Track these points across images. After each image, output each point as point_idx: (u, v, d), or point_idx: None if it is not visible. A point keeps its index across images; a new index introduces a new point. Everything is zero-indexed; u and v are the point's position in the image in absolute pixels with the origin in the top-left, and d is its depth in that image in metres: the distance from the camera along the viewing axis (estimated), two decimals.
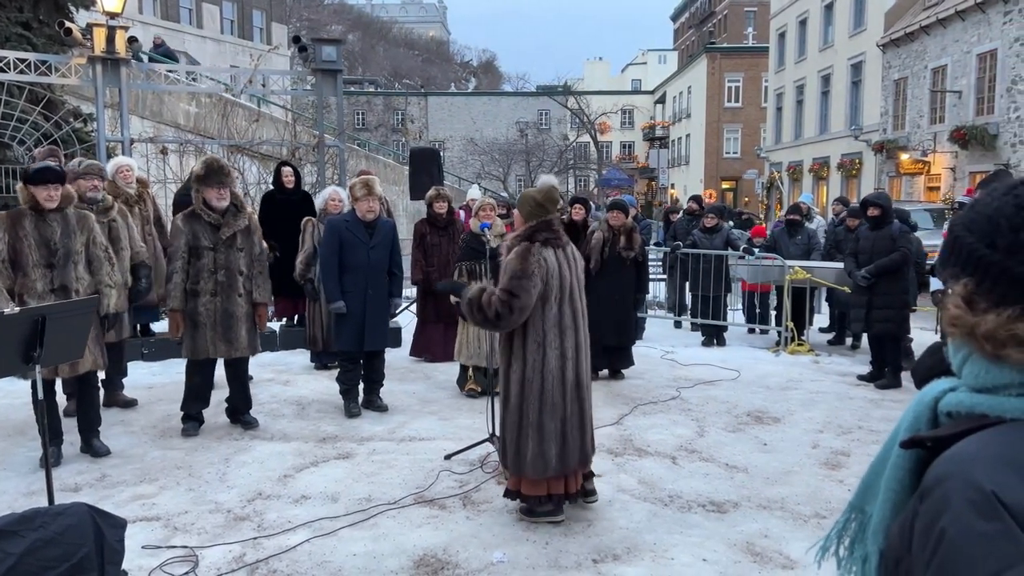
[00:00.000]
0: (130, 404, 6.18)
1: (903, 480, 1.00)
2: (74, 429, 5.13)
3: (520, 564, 3.60)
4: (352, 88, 51.99)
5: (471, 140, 50.31)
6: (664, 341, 9.27)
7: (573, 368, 3.97)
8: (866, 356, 7.86)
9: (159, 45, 19.92)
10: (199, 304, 5.40)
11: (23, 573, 2.62)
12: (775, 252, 9.07)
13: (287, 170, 8.24)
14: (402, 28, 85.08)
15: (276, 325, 8.75)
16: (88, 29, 8.67)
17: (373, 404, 6.17)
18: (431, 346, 7.86)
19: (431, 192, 7.90)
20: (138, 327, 7.67)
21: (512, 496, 4.11)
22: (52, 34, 9.73)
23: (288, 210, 7.71)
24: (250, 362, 5.86)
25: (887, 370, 7.21)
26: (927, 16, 23.07)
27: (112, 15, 8.62)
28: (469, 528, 3.98)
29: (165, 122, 15.09)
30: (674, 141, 53.45)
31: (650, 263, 8.71)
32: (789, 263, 8.71)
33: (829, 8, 30.10)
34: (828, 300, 9.98)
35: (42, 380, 4.75)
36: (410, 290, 9.90)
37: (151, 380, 7.03)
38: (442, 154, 14.26)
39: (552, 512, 4.02)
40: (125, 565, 3.14)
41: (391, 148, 44.19)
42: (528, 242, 3.93)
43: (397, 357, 7.83)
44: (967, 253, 0.95)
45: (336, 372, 6.34)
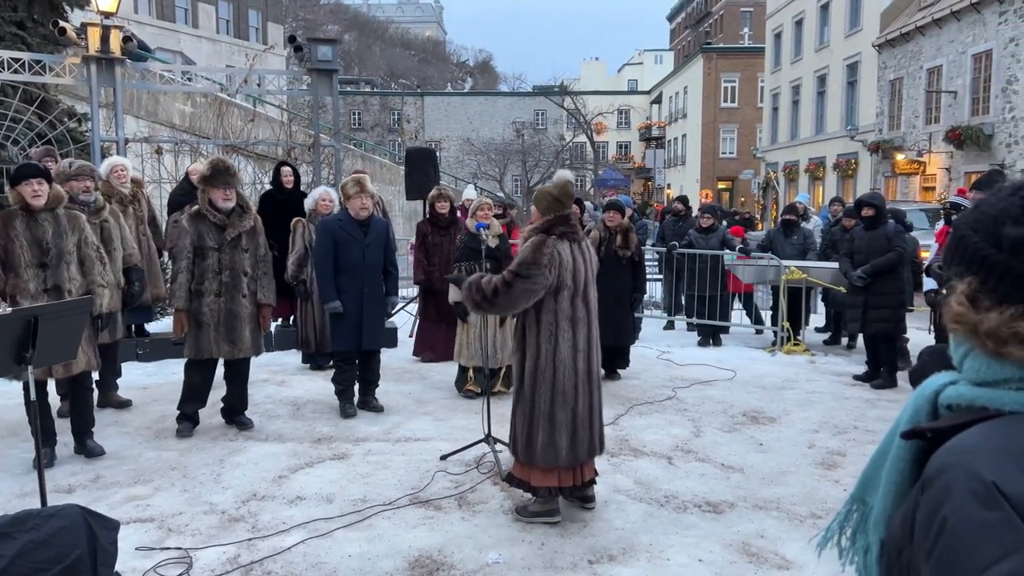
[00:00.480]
0: (124, 405, 6.16)
1: (903, 471, 1.02)
2: (68, 430, 5.11)
3: (516, 565, 3.60)
4: (348, 88, 52.07)
5: (467, 140, 50.29)
6: (660, 341, 9.27)
7: (585, 360, 4.00)
8: (862, 356, 7.87)
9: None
10: (203, 304, 5.39)
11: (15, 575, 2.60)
12: (771, 252, 9.08)
13: (286, 170, 8.23)
14: (398, 28, 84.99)
15: (272, 325, 8.73)
16: (83, 29, 8.64)
17: (369, 405, 6.16)
18: (433, 346, 7.85)
19: (433, 192, 7.89)
20: (133, 328, 7.66)
21: (517, 483, 4.12)
22: (46, 34, 9.69)
23: (287, 210, 7.69)
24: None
25: (883, 370, 7.22)
26: (922, 16, 23.12)
27: (107, 14, 8.60)
28: (465, 529, 3.98)
29: (160, 122, 15.05)
30: (670, 141, 53.52)
31: (646, 263, 8.70)
32: (785, 263, 8.71)
33: (825, 8, 30.15)
34: (824, 300, 9.99)
35: (34, 381, 4.76)
36: (407, 290, 9.91)
37: (146, 381, 7.00)
38: (438, 154, 14.22)
39: (550, 512, 4.02)
40: (119, 567, 3.12)
41: (387, 148, 44.19)
42: (545, 234, 3.96)
43: (393, 357, 7.82)
44: (972, 252, 0.96)
45: (331, 372, 6.33)
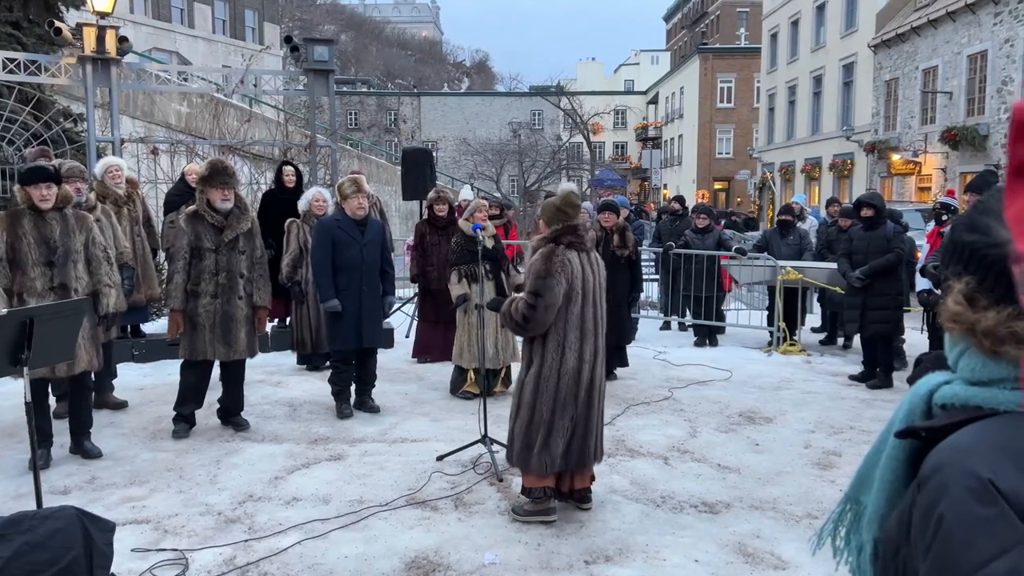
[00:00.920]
0: (120, 406, 6.15)
1: (897, 470, 1.02)
2: (64, 431, 5.10)
3: (512, 566, 3.60)
4: (345, 88, 52.03)
5: (464, 140, 50.22)
6: (657, 341, 9.28)
7: (589, 371, 4.04)
8: (858, 356, 7.89)
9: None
10: (199, 305, 5.37)
11: None
12: (767, 252, 9.08)
13: (288, 169, 8.24)
14: (395, 28, 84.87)
15: (268, 326, 8.72)
16: (78, 29, 8.62)
17: (365, 405, 6.15)
18: (431, 347, 7.84)
19: (432, 194, 7.91)
20: (128, 328, 7.64)
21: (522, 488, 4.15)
22: (42, 34, 9.67)
23: (288, 210, 7.68)
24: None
25: (879, 370, 7.23)
26: (918, 17, 23.17)
27: (102, 15, 8.58)
28: (461, 530, 3.98)
29: (156, 122, 15.02)
30: (667, 141, 53.56)
31: (643, 263, 8.70)
32: (781, 263, 8.72)
33: (821, 9, 30.20)
34: (820, 300, 10.00)
35: (30, 382, 4.75)
36: (403, 290, 9.90)
37: (142, 382, 6.99)
38: (435, 154, 14.23)
39: (545, 512, 4.03)
40: (114, 568, 3.12)
41: (384, 148, 44.15)
42: (554, 244, 4.02)
43: (389, 358, 7.81)
44: (970, 252, 0.97)
45: (327, 373, 6.32)
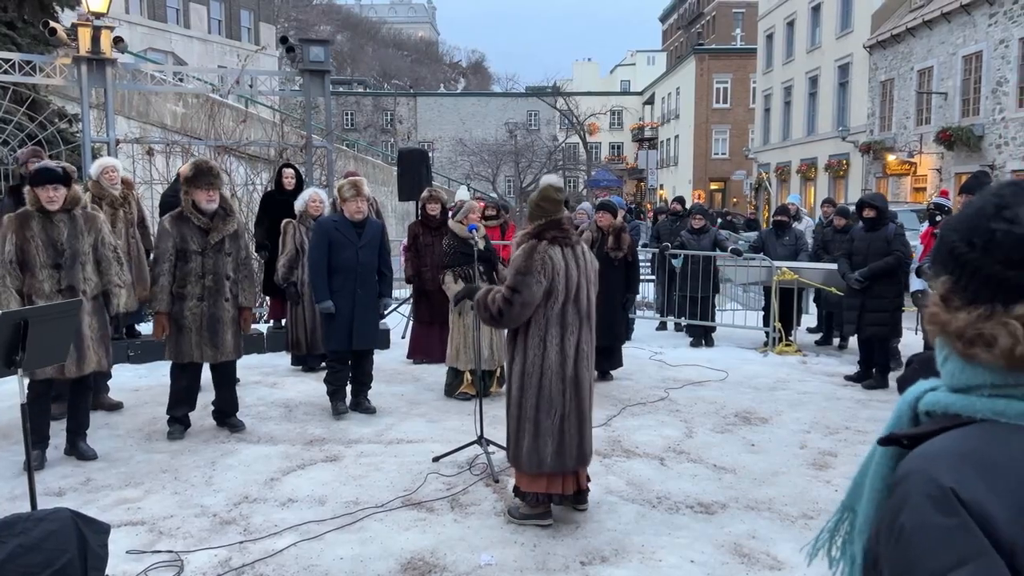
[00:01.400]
0: (115, 407, 6.13)
1: (885, 478, 1.01)
2: (58, 433, 5.08)
3: (508, 567, 3.60)
4: (340, 88, 51.86)
5: (460, 141, 50.24)
6: (653, 342, 9.28)
7: (573, 366, 3.98)
8: (853, 356, 7.90)
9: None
10: (185, 308, 5.34)
11: None
12: (763, 253, 9.10)
13: (288, 171, 8.25)
14: (391, 28, 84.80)
15: (264, 327, 8.71)
16: (73, 29, 8.60)
17: (361, 406, 6.14)
18: (427, 348, 7.83)
19: (424, 194, 7.88)
20: (123, 329, 7.62)
21: (516, 492, 4.14)
22: (37, 34, 9.66)
23: (287, 211, 7.68)
24: (237, 364, 5.82)
25: (874, 370, 7.23)
26: (913, 18, 23.22)
27: (97, 15, 8.55)
28: (457, 531, 3.97)
29: (151, 122, 15.00)
30: (663, 142, 53.62)
31: (640, 264, 8.70)
32: (776, 264, 8.73)
33: (816, 10, 30.25)
34: (816, 301, 10.01)
35: (37, 382, 4.75)
36: (399, 291, 9.90)
37: (137, 383, 6.97)
38: (431, 155, 14.23)
39: (541, 515, 4.02)
40: (109, 570, 3.11)
41: (380, 149, 44.12)
42: (536, 240, 3.97)
43: (386, 359, 7.80)
44: (947, 251, 0.97)
45: (323, 374, 6.31)
